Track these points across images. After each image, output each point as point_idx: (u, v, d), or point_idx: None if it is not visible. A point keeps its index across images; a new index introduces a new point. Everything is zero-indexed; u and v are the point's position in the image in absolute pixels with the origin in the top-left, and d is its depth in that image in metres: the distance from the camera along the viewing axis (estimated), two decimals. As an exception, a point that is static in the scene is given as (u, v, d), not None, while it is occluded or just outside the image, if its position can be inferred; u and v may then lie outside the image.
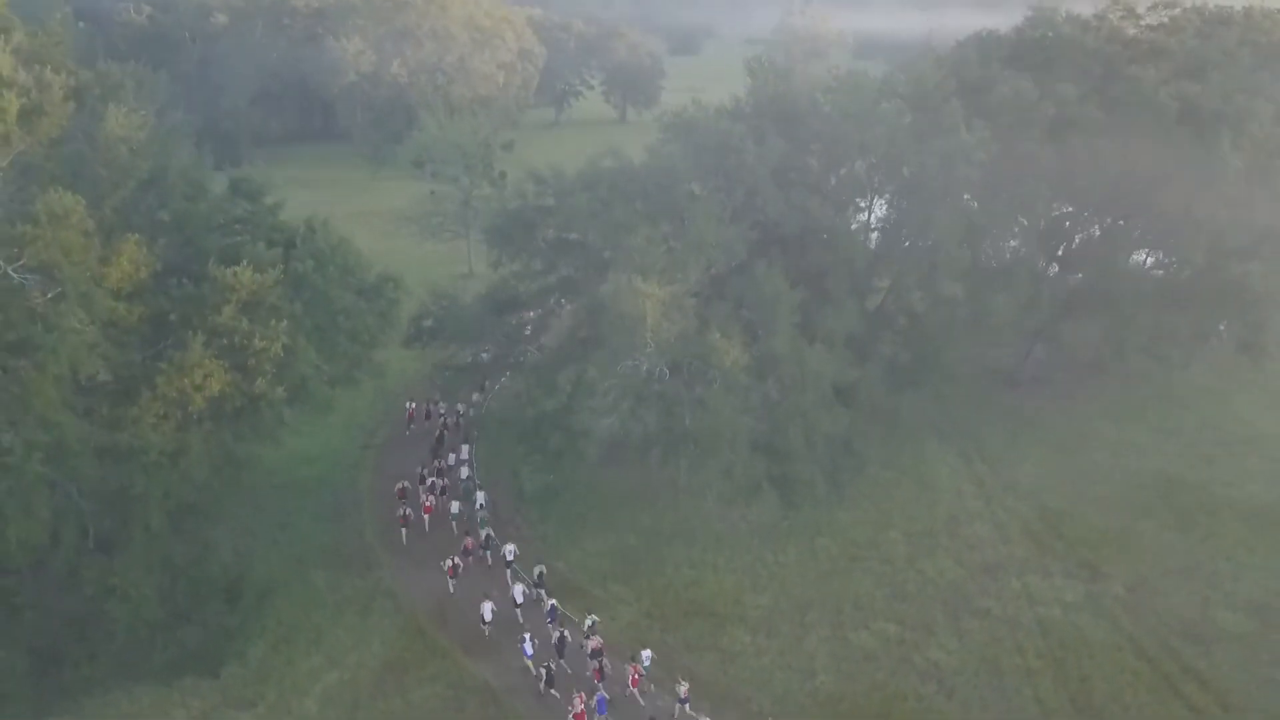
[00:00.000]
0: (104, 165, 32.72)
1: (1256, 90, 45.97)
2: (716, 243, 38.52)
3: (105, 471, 27.69)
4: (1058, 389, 54.67)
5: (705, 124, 41.23)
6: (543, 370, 41.22)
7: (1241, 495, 44.74)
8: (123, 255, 31.05)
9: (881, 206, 43.76)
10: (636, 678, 32.03)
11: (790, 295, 38.23)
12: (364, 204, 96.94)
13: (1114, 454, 48.54)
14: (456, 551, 38.33)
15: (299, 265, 35.23)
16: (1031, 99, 43.35)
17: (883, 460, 46.92)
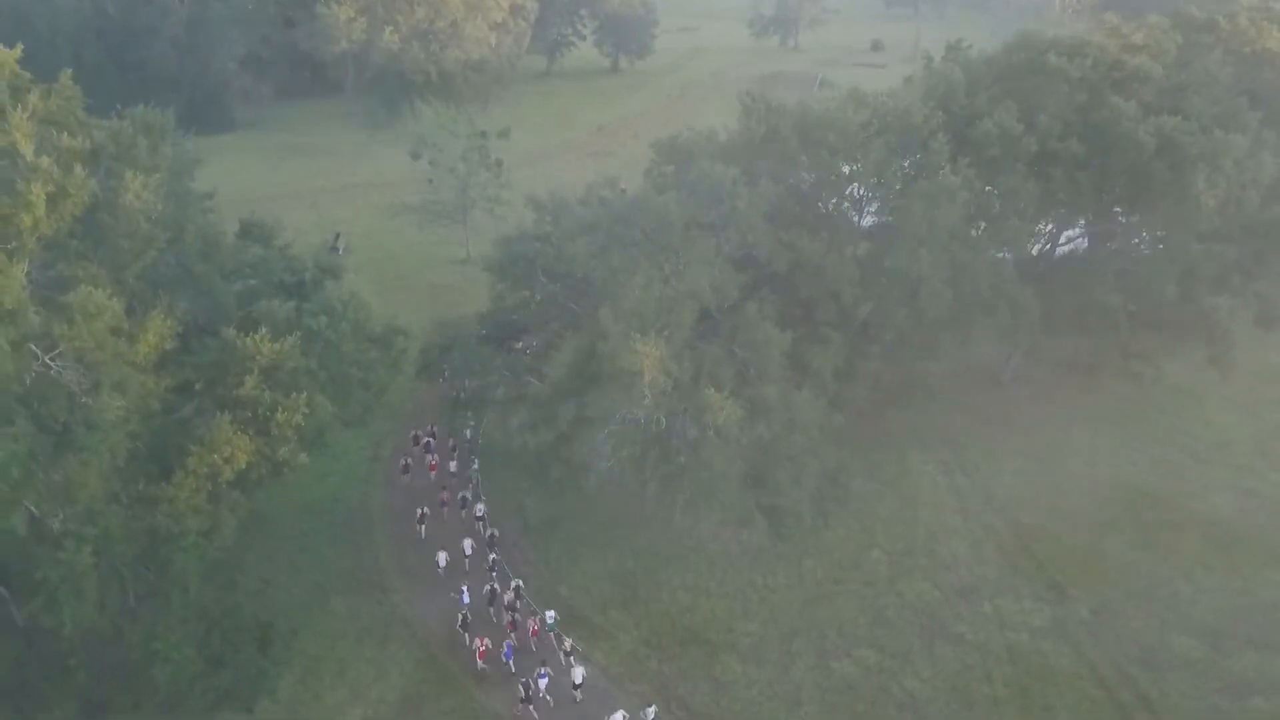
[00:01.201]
0: (125, 236, 34.26)
1: (1234, 116, 47.33)
2: (710, 285, 40.28)
3: (145, 551, 30.04)
4: (1038, 387, 56.98)
5: (700, 167, 42.48)
6: (544, 403, 43.24)
7: (1205, 508, 47.43)
8: (149, 331, 32.80)
9: (865, 246, 45.35)
10: (535, 629, 38.68)
11: (780, 338, 40.16)
12: (360, 173, 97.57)
13: (1087, 462, 51.11)
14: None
15: (313, 322, 36.97)
16: (1015, 134, 44.72)
17: (867, 471, 49.42)
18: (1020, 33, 49.32)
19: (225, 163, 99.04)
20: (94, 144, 37.48)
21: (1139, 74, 47.50)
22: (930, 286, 42.83)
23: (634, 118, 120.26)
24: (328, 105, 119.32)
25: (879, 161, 43.57)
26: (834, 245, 43.82)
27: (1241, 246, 46.37)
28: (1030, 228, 44.96)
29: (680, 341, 39.52)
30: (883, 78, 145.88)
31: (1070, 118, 46.92)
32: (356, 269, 74.71)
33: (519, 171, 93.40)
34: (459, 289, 72.12)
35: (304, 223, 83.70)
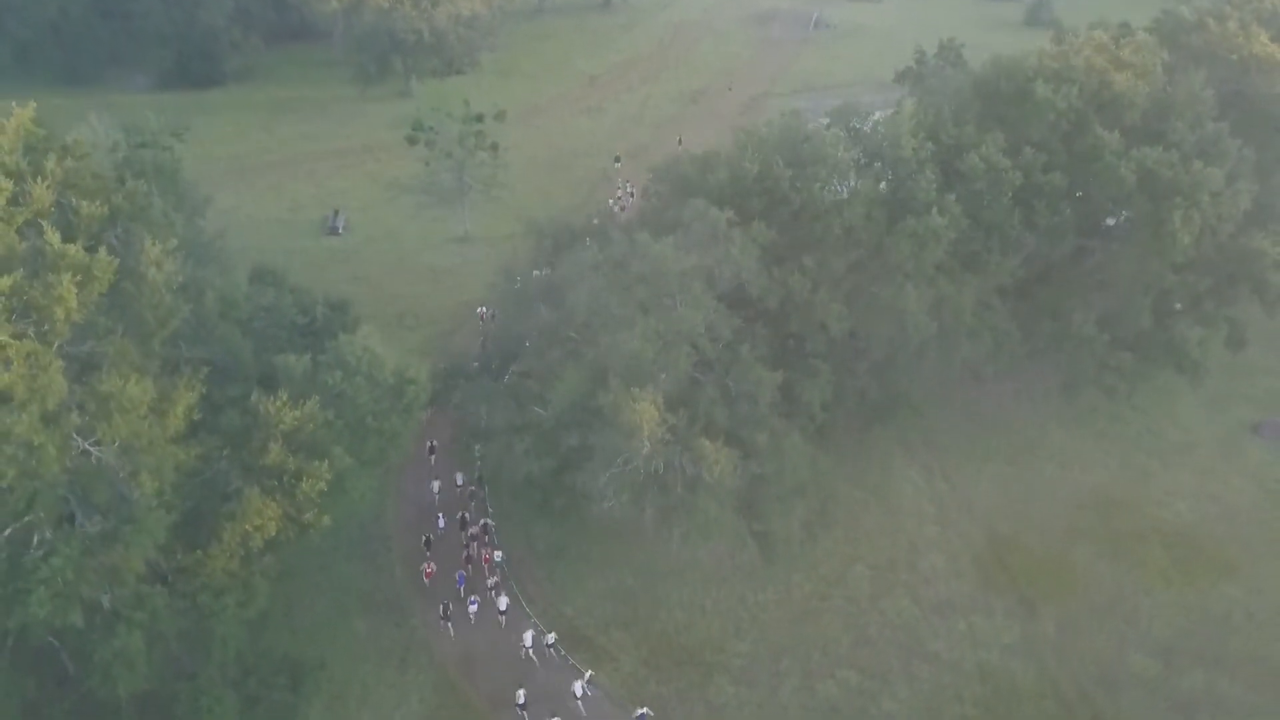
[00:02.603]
0: (149, 308, 36.04)
1: (1215, 142, 48.72)
2: (704, 328, 42.30)
3: (189, 624, 32.85)
4: (1018, 382, 59.39)
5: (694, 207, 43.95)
6: (547, 433, 45.56)
7: (1169, 516, 50.54)
8: (178, 405, 34.93)
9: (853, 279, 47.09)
10: (487, 557, 46.49)
11: (771, 378, 42.41)
12: (355, 135, 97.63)
13: (1061, 466, 54.00)
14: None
15: (329, 378, 38.98)
16: (1001, 167, 46.14)
17: (852, 478, 52.35)
18: (1008, 60, 50.04)
19: (217, 123, 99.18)
20: (112, 206, 38.97)
21: (1124, 99, 48.61)
22: (915, 320, 44.84)
23: (627, 66, 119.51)
24: (317, 52, 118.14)
25: (868, 198, 45.08)
26: (823, 279, 45.60)
27: (1215, 273, 48.29)
28: (1012, 263, 46.74)
29: (676, 382, 41.79)
30: (879, 14, 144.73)
31: (1055, 146, 48.27)
32: (356, 249, 76.59)
33: (513, 129, 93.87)
34: (459, 272, 73.74)
35: (303, 195, 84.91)
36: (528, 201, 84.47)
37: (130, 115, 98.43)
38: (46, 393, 30.45)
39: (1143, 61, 50.96)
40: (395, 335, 65.36)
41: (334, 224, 78.79)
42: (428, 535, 48.39)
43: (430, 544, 47.81)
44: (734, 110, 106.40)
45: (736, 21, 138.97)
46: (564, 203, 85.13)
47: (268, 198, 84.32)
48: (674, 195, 48.99)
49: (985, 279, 46.93)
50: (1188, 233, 44.96)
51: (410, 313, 68.19)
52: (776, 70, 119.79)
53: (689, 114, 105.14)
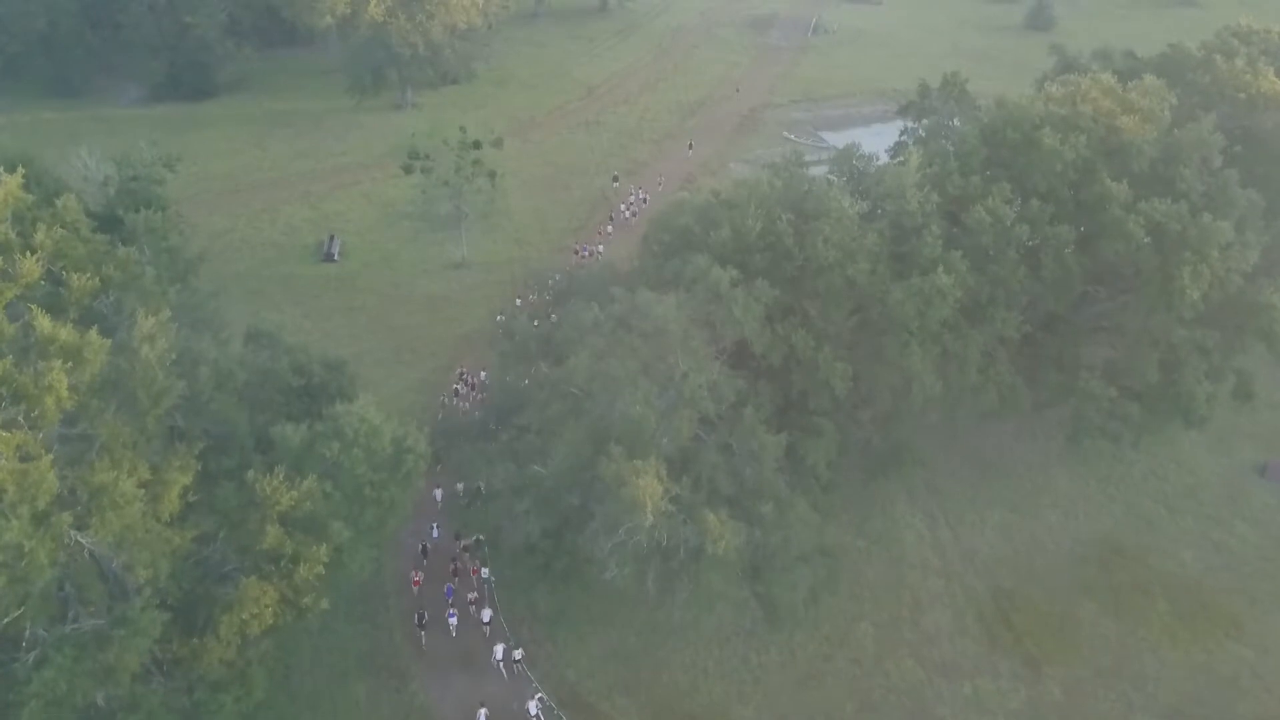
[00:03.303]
0: (142, 387, 35.31)
1: (1223, 190, 48.07)
2: (708, 391, 41.69)
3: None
4: (1021, 420, 58.83)
5: (696, 265, 43.25)
6: (547, 492, 44.95)
7: (1174, 567, 50.14)
8: (173, 488, 34.32)
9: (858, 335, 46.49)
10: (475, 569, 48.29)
11: (775, 442, 41.84)
12: (350, 150, 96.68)
13: (1064, 513, 53.57)
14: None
15: (326, 450, 38.29)
16: (1007, 221, 45.45)
17: (855, 525, 51.95)
18: (1015, 107, 49.25)
19: (210, 138, 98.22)
20: (103, 275, 38.24)
21: (1132, 148, 47.90)
22: (922, 380, 44.27)
23: (625, 75, 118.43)
24: (311, 60, 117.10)
25: (873, 254, 44.43)
26: (826, 335, 44.99)
27: (1222, 326, 47.74)
28: (1018, 319, 46.12)
29: (679, 446, 41.24)
30: (878, 18, 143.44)
31: (1062, 195, 47.60)
32: (352, 276, 75.72)
33: (509, 145, 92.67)
34: (457, 300, 73.04)
35: (297, 218, 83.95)
36: (526, 224, 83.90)
37: (122, 131, 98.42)
38: (37, 491, 29.80)
39: (1151, 105, 50.14)
40: (393, 371, 64.96)
41: (329, 250, 77.87)
42: (424, 544, 49.82)
43: (426, 552, 49.58)
44: (733, 122, 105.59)
45: (734, 27, 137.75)
46: (562, 225, 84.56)
47: (262, 220, 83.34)
48: (676, 246, 48.19)
49: (989, 331, 46.27)
50: (1196, 288, 44.37)
51: (408, 346, 67.43)
52: (776, 79, 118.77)
53: (688, 127, 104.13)
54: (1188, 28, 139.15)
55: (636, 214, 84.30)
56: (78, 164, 64.07)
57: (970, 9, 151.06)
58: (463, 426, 48.25)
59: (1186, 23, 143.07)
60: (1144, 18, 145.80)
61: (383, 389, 62.56)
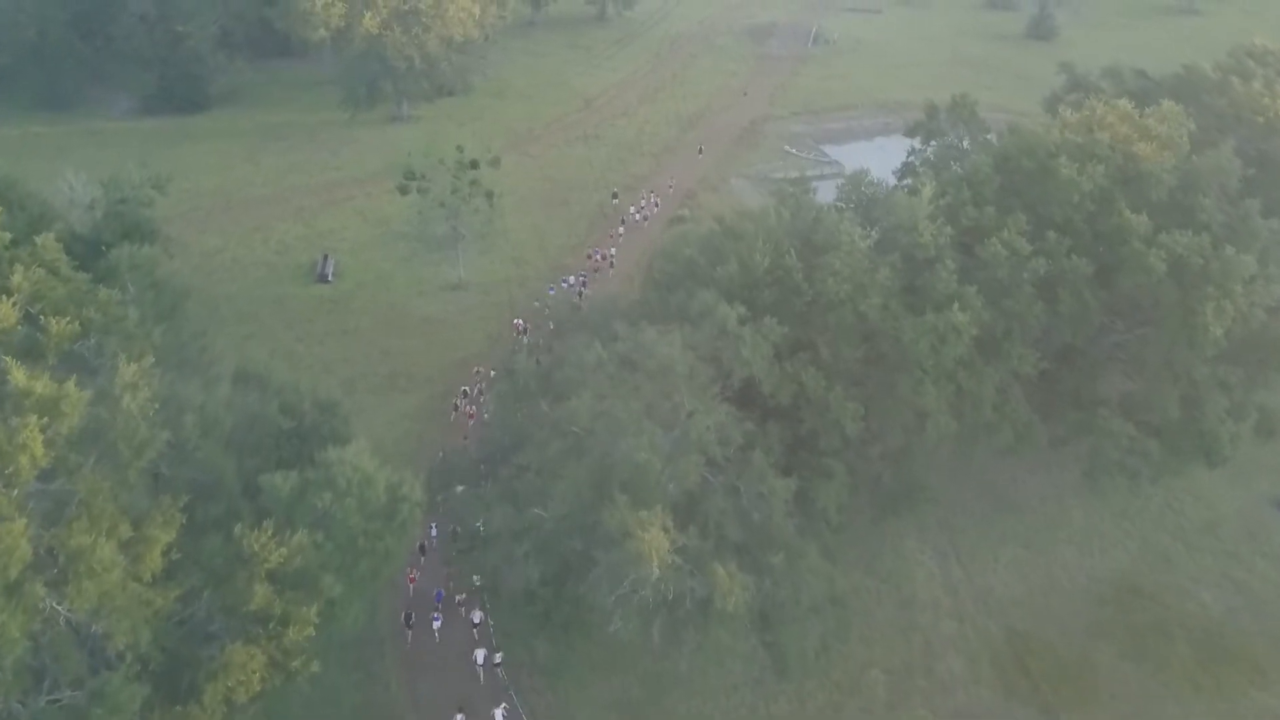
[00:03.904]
0: (123, 439, 33.64)
1: (1245, 221, 46.63)
2: (714, 433, 40.12)
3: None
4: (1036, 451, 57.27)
5: (702, 301, 41.69)
6: (548, 538, 43.36)
7: (1194, 608, 48.62)
8: (155, 547, 32.64)
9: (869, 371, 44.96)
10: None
11: (785, 486, 40.27)
12: (345, 165, 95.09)
13: (1079, 549, 52.05)
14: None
15: (317, 501, 36.65)
16: (1024, 254, 43.94)
17: (864, 564, 50.38)
18: (1029, 134, 47.73)
19: (202, 152, 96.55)
20: (84, 321, 36.59)
21: (1150, 176, 46.43)
22: (936, 419, 42.76)
23: (623, 86, 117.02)
24: (305, 71, 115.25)
25: (885, 287, 42.91)
26: (837, 373, 43.45)
27: (1245, 362, 46.29)
28: (1034, 356, 44.56)
29: (685, 492, 39.71)
30: (879, 27, 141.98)
31: (1078, 226, 46.11)
32: (346, 298, 74.01)
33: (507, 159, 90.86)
34: (453, 323, 71.40)
35: (290, 236, 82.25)
36: (524, 243, 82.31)
37: (113, 145, 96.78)
38: (9, 559, 28.12)
39: (1169, 132, 48.67)
40: (387, 399, 63.35)
41: (323, 270, 76.18)
42: (421, 543, 49.67)
43: (424, 550, 49.84)
44: (733, 135, 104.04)
45: (733, 35, 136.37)
46: (561, 242, 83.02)
47: (254, 238, 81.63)
48: (679, 278, 46.66)
49: (1004, 367, 44.75)
50: (1220, 325, 42.90)
51: (403, 372, 65.75)
52: (776, 90, 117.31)
53: (688, 140, 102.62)
54: (1190, 37, 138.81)
55: (648, 218, 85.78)
56: (64, 186, 62.41)
57: (970, 17, 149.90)
58: (460, 466, 46.51)
59: (1189, 32, 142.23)
60: (1146, 27, 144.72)
61: (377, 417, 61.22)
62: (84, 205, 61.22)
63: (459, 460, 47.26)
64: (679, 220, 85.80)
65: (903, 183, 63.57)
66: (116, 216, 60.06)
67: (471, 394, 62.15)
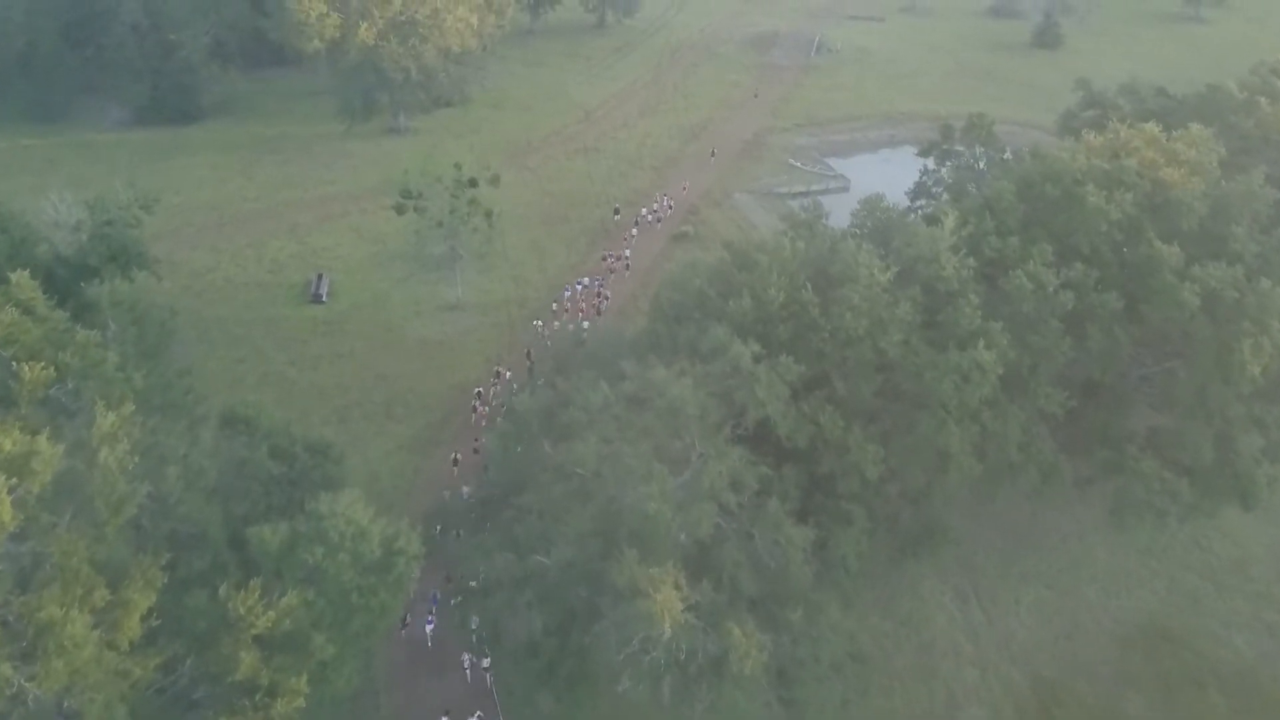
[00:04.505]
0: (100, 495, 31.52)
1: (1278, 252, 44.67)
2: (728, 479, 38.08)
3: None
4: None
5: (714, 337, 39.61)
6: (552, 587, 41.21)
7: (1227, 654, 46.57)
8: (133, 614, 30.52)
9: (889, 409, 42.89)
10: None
11: (802, 535, 38.21)
12: (339, 179, 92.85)
13: (1104, 589, 50.01)
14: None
15: (308, 556, 34.51)
16: (1050, 287, 41.91)
17: (881, 606, 48.35)
18: (1054, 160, 45.66)
19: (194, 166, 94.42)
20: (59, 365, 34.44)
21: (1180, 204, 44.44)
22: (959, 462, 40.72)
23: (624, 97, 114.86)
24: (299, 81, 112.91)
25: (905, 322, 40.87)
26: (855, 412, 41.40)
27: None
28: (1062, 395, 42.48)
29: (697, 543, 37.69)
30: (882, 35, 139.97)
31: (1106, 257, 44.11)
32: (341, 319, 71.80)
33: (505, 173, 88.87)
34: (451, 346, 69.21)
35: (284, 254, 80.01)
36: (523, 261, 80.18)
37: (103, 158, 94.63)
38: (-27, 637, 26.04)
39: (1198, 157, 46.68)
40: (382, 428, 61.18)
41: (317, 290, 73.97)
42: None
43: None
44: (737, 148, 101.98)
45: (735, 44, 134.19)
46: (561, 261, 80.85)
47: (246, 256, 79.37)
48: (688, 309, 44.58)
49: (1030, 405, 42.72)
50: (1257, 363, 40.88)
51: (399, 399, 63.53)
52: (779, 101, 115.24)
53: (690, 152, 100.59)
54: (1197, 46, 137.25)
55: (661, 219, 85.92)
56: (48, 207, 60.16)
57: (974, 26, 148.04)
58: (458, 509, 44.40)
59: (1195, 40, 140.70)
60: (1152, 35, 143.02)
61: (372, 448, 59.15)
62: (69, 227, 58.95)
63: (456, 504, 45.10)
64: (682, 237, 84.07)
65: (916, 204, 61.75)
66: (103, 238, 58.03)
67: (486, 395, 61.86)
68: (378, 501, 53.79)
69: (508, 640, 40.83)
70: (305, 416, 61.21)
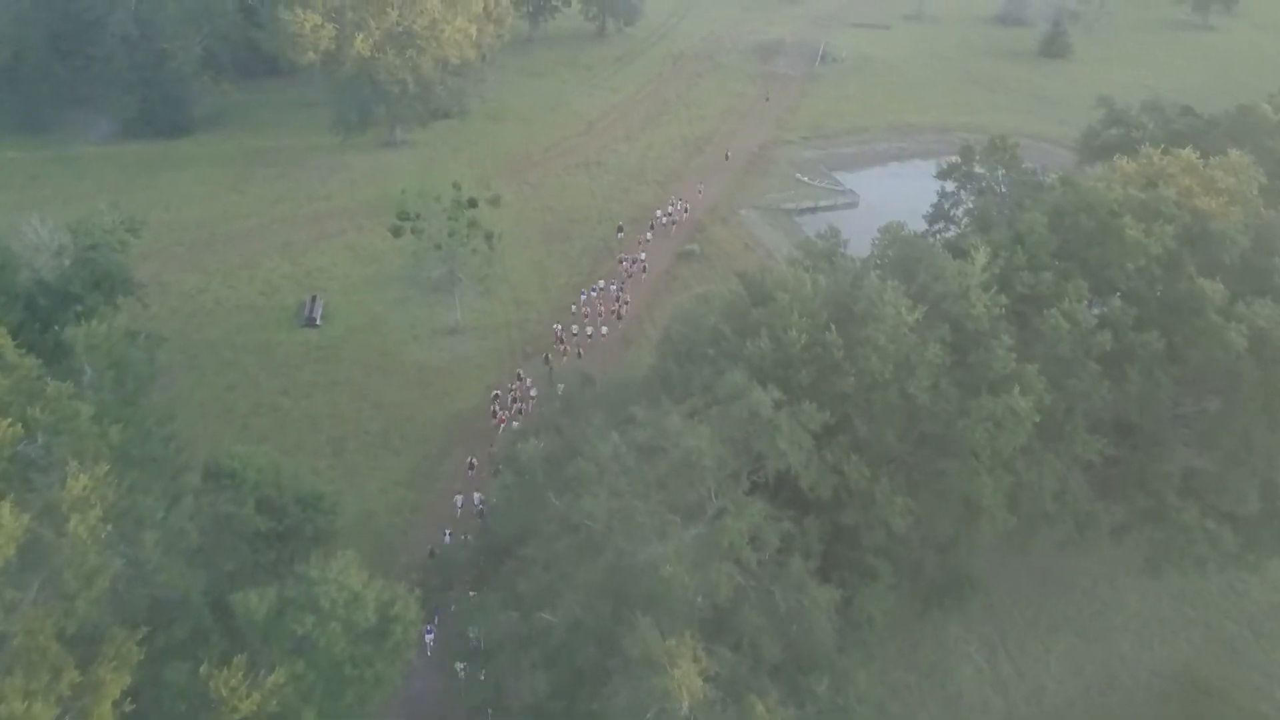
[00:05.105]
0: (70, 567, 29.03)
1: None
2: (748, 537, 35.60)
3: None
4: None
5: (731, 383, 37.12)
6: (558, 647, 38.68)
7: (1270, 710, 44.23)
8: (105, 699, 28.03)
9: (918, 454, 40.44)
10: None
11: (828, 597, 35.73)
12: (334, 193, 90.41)
13: (1138, 638, 47.62)
14: None
15: (297, 626, 31.99)
16: (1088, 327, 39.47)
17: (904, 656, 45.94)
18: (1088, 190, 43.16)
19: (185, 181, 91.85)
20: (28, 421, 31.88)
21: (1221, 236, 42.04)
22: (992, 514, 38.27)
23: (626, 108, 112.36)
24: (293, 91, 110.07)
25: (934, 364, 38.41)
26: (881, 460, 38.94)
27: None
28: (1101, 443, 40.00)
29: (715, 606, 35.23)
30: (888, 43, 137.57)
31: (1145, 293, 41.69)
32: (336, 344, 69.24)
33: (506, 189, 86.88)
34: (450, 372, 66.68)
35: (277, 275, 77.49)
36: (524, 281, 77.72)
37: (90, 173, 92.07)
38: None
39: (1237, 185, 44.29)
40: (379, 460, 58.69)
41: (311, 313, 71.41)
42: (433, 548, 49.36)
43: (434, 555, 48.57)
44: (742, 161, 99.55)
45: (738, 53, 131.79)
46: (563, 281, 78.39)
47: (238, 277, 76.73)
48: (702, 345, 42.12)
49: (1066, 451, 40.27)
50: (1311, 404, 38.53)
51: (396, 429, 61.00)
52: (784, 112, 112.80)
53: (694, 166, 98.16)
54: (1206, 54, 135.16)
55: (676, 222, 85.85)
56: (29, 232, 57.53)
57: (980, 33, 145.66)
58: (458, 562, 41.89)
59: (1205, 48, 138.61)
60: (1160, 43, 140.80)
61: (368, 483, 56.73)
62: (51, 251, 56.33)
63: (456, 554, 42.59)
64: (688, 255, 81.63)
65: (934, 227, 59.35)
66: (86, 264, 55.50)
67: (504, 399, 62.15)
68: (373, 541, 52.28)
69: (512, 703, 38.40)
70: (298, 449, 58.92)
